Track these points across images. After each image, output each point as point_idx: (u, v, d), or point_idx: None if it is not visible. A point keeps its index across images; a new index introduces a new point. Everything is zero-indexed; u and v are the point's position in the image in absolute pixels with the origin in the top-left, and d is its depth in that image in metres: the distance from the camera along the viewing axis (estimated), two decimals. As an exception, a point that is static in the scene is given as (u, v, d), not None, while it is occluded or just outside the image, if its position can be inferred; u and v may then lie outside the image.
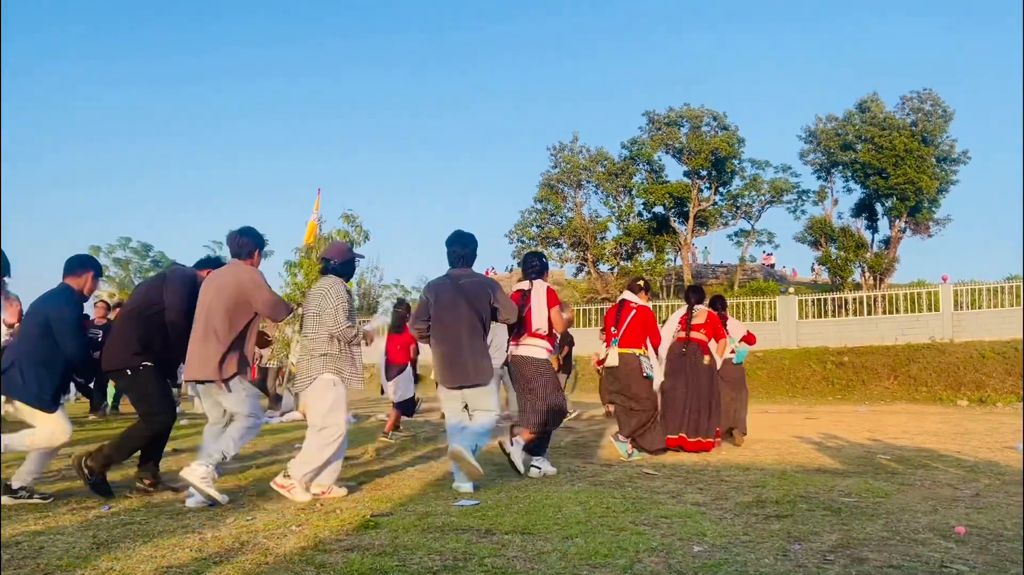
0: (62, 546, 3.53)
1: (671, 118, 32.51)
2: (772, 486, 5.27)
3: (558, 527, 3.93)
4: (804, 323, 23.93)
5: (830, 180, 32.28)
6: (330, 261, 5.13)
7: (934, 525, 4.02)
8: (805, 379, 21.30)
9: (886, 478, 5.69)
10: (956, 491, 5.13)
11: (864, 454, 7.28)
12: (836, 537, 3.73)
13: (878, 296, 25.06)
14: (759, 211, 33.63)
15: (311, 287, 5.35)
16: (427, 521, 4.08)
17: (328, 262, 5.14)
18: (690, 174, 32.60)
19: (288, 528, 3.93)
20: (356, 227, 13.29)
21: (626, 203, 33.95)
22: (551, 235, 34.31)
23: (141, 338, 4.93)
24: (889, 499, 4.79)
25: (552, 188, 34.39)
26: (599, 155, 33.88)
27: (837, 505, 4.56)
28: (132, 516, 4.25)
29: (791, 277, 41.39)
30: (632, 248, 33.66)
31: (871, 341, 22.14)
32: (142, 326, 4.96)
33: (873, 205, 30.58)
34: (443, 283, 5.58)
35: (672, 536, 3.74)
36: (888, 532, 3.85)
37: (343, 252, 5.25)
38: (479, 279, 5.60)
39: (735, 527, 3.97)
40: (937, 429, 10.28)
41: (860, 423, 11.41)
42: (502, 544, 3.56)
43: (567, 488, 5.23)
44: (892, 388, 19.88)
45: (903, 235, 30.21)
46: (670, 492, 5.08)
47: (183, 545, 3.56)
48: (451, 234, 5.67)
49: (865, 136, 29.24)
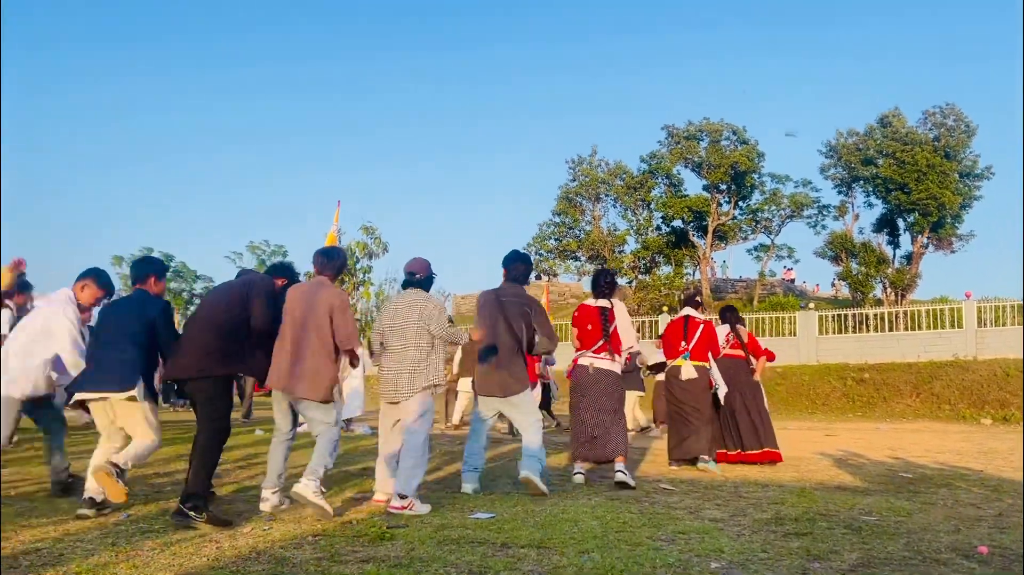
0: (82, 552, 3.56)
1: (690, 132, 32.51)
2: (791, 503, 5.22)
3: (574, 542, 3.91)
4: (824, 339, 23.71)
5: (851, 195, 32.15)
6: (415, 275, 5.39)
7: (956, 545, 3.96)
8: (825, 395, 21.08)
9: (908, 497, 5.61)
10: (979, 511, 5.05)
11: (885, 472, 7.19)
12: (856, 556, 3.68)
13: (900, 312, 24.79)
14: (779, 226, 33.55)
15: (391, 302, 5.56)
16: (443, 533, 4.08)
17: (412, 275, 5.39)
18: (709, 188, 32.54)
19: (304, 538, 3.94)
20: (375, 239, 13.36)
21: (644, 217, 33.95)
22: (569, 248, 34.35)
23: (223, 347, 4.75)
24: (911, 518, 4.72)
25: (570, 201, 34.48)
26: (618, 168, 33.94)
27: (857, 523, 4.50)
28: (151, 524, 4.28)
29: (812, 292, 41.05)
30: (650, 262, 33.61)
31: (892, 358, 21.89)
32: (224, 334, 4.78)
33: (895, 220, 30.37)
34: (488, 296, 5.97)
35: (689, 552, 3.71)
36: (909, 552, 3.80)
37: (425, 268, 5.47)
38: (521, 297, 5.90)
39: (753, 544, 3.93)
40: (960, 448, 10.13)
41: (881, 441, 11.27)
42: (518, 558, 3.55)
43: (584, 502, 5.21)
44: (914, 406, 19.63)
45: (925, 251, 29.97)
46: (688, 508, 5.04)
47: (200, 553, 3.58)
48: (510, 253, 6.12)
49: (887, 151, 29.08)
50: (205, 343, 4.72)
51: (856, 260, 29.87)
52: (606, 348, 6.24)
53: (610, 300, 6.45)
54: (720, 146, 31.88)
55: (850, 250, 30.18)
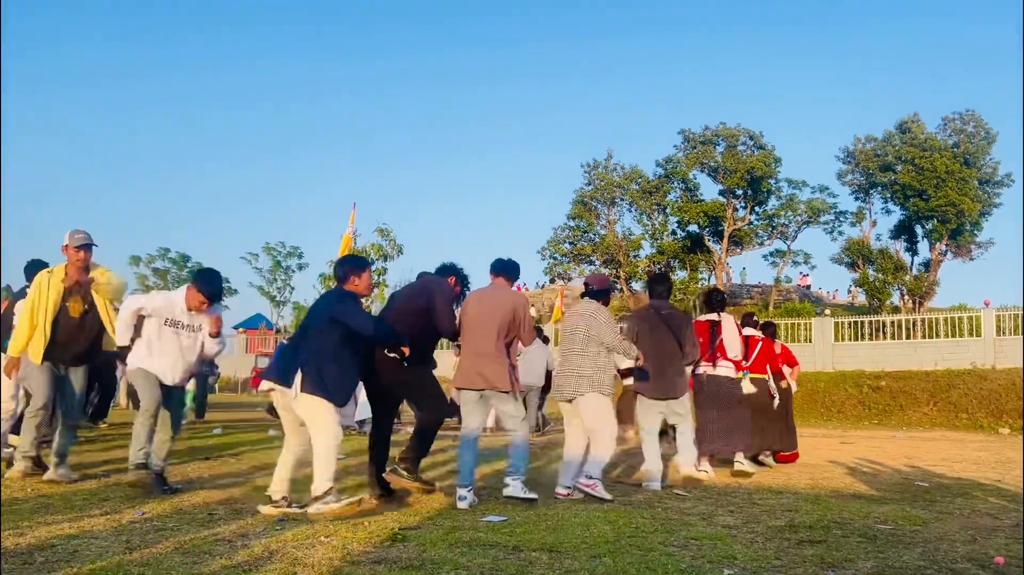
0: (96, 550, 3.59)
1: (707, 136, 32.37)
2: (805, 511, 5.18)
3: (586, 546, 3.90)
4: (840, 346, 23.56)
5: (869, 201, 31.86)
6: (590, 286, 6.04)
7: (973, 555, 3.91)
8: (840, 403, 20.92)
9: (924, 506, 5.55)
10: (996, 521, 4.99)
11: (901, 480, 7.12)
12: (871, 565, 3.65)
13: (917, 320, 24.57)
14: (795, 231, 33.30)
15: (572, 310, 6.14)
16: (455, 536, 4.08)
17: (589, 287, 6.05)
18: (725, 193, 32.38)
19: (317, 539, 3.95)
20: (390, 241, 13.39)
21: (660, 221, 33.84)
22: (584, 252, 34.28)
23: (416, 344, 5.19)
24: (927, 527, 4.67)
25: (585, 205, 34.41)
26: (633, 173, 33.83)
27: (873, 532, 4.46)
28: (164, 523, 4.31)
29: (829, 299, 40.74)
30: (666, 266, 33.46)
31: (910, 366, 21.70)
32: (414, 335, 5.19)
33: (913, 227, 30.10)
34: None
35: (702, 558, 3.69)
36: (925, 561, 3.76)
37: (603, 281, 6.17)
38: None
39: (767, 551, 3.90)
40: (977, 457, 10.02)
41: (897, 449, 11.17)
42: (529, 562, 3.54)
43: (596, 507, 5.19)
44: (931, 414, 19.43)
45: (944, 258, 29.67)
46: (700, 514, 5.01)
47: (213, 553, 3.60)
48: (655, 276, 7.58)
49: (905, 157, 28.82)
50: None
51: (873, 267, 29.60)
52: (713, 358, 7.10)
53: (719, 314, 7.23)
54: (736, 151, 31.71)
55: (867, 256, 29.91)
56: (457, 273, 5.81)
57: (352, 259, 5.86)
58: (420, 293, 5.52)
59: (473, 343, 5.45)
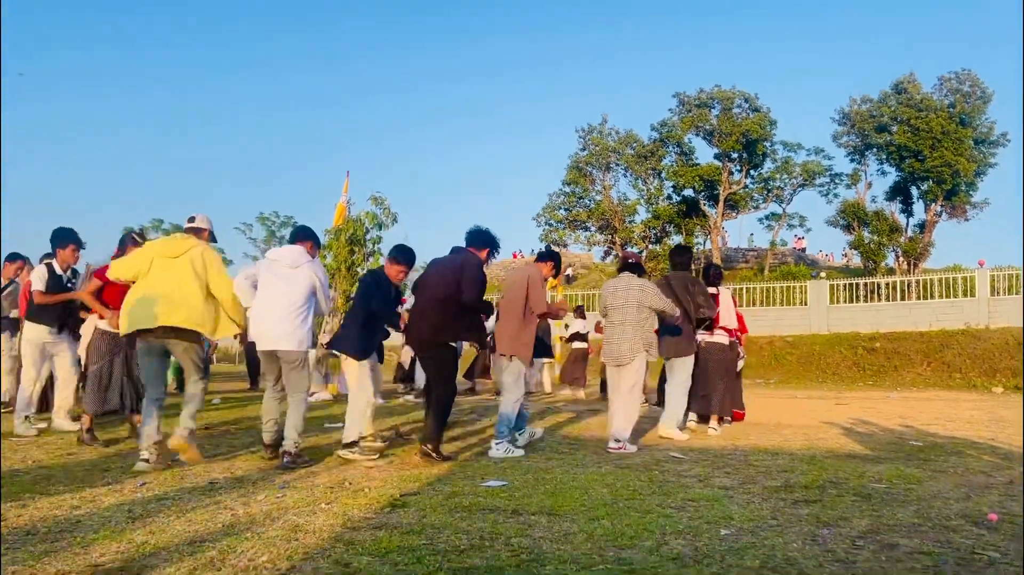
0: (98, 520, 3.62)
1: (702, 100, 32.14)
2: (801, 471, 5.23)
3: (584, 508, 3.94)
4: (835, 308, 23.65)
5: (864, 163, 31.78)
6: (628, 260, 6.90)
7: (966, 512, 3.97)
8: (836, 365, 21.07)
9: (918, 464, 5.61)
10: (989, 478, 5.05)
11: (895, 440, 7.19)
12: (866, 523, 3.70)
13: (912, 281, 24.65)
14: (791, 194, 33.25)
15: (610, 281, 6.88)
16: (454, 501, 4.11)
17: (628, 261, 6.88)
18: (721, 157, 32.24)
19: (317, 506, 3.99)
20: (384, 210, 13.28)
21: (655, 186, 33.71)
22: (579, 218, 34.20)
23: (444, 320, 5.75)
24: (921, 485, 4.73)
25: (581, 171, 34.23)
26: (629, 138, 33.62)
27: (867, 491, 4.51)
28: (166, 492, 4.34)
29: (826, 261, 40.77)
30: (661, 231, 33.45)
31: (904, 327, 21.82)
32: (444, 309, 5.75)
33: (908, 188, 30.05)
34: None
35: (699, 519, 3.73)
36: (919, 518, 3.81)
37: (638, 257, 7.17)
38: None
39: (763, 511, 3.95)
40: (971, 416, 10.12)
41: (892, 409, 11.27)
42: (529, 524, 3.58)
43: (594, 470, 5.24)
44: (925, 374, 19.59)
45: (939, 219, 29.68)
46: (697, 476, 5.06)
47: (215, 520, 3.63)
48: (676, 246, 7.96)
49: (901, 118, 28.67)
50: (431, 316, 5.77)
51: (868, 229, 29.60)
52: (711, 327, 7.80)
53: (717, 288, 7.93)
54: (732, 114, 31.50)
55: (862, 219, 29.90)
56: (489, 242, 6.14)
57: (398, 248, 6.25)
58: (447, 270, 5.96)
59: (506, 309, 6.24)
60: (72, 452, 5.82)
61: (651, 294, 6.51)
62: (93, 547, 3.13)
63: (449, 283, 5.79)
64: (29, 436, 6.64)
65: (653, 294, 6.52)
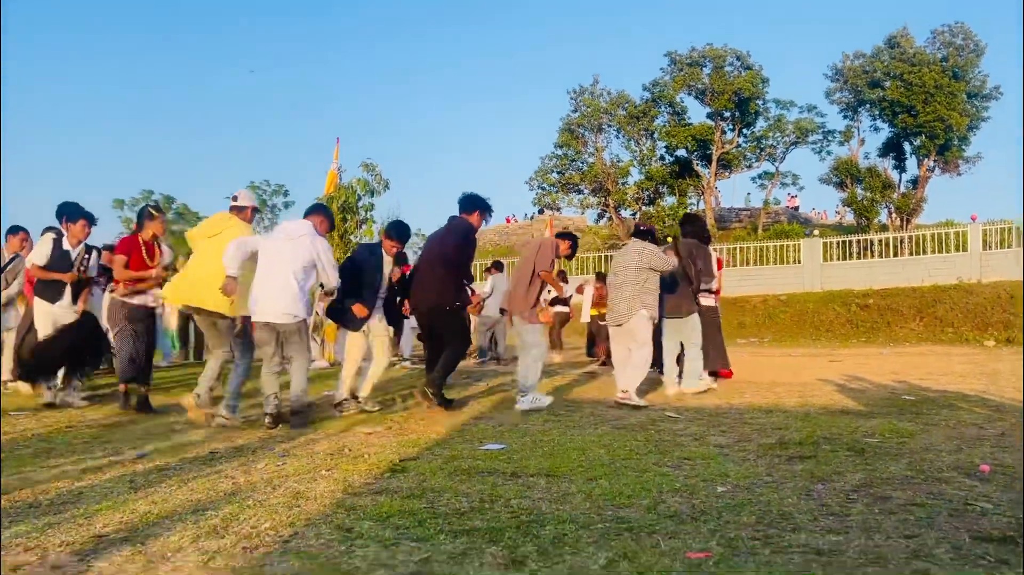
0: (100, 491, 3.64)
1: (693, 58, 31.78)
2: (795, 428, 5.29)
3: (582, 469, 3.99)
4: (829, 266, 23.72)
5: (857, 119, 31.59)
6: (640, 227, 7.42)
7: (958, 464, 4.02)
8: (829, 322, 21.19)
9: (910, 419, 5.68)
10: (981, 431, 5.12)
11: (888, 395, 7.27)
12: (859, 477, 3.75)
13: (904, 237, 24.71)
14: (783, 152, 33.10)
15: (624, 246, 7.29)
16: (453, 464, 4.15)
17: (639, 227, 7.39)
18: (713, 116, 32.00)
19: (318, 472, 4.02)
20: (376, 176, 13.21)
21: (648, 147, 33.50)
22: (572, 181, 34.02)
23: (442, 283, 6.26)
24: (913, 439, 4.79)
25: (572, 133, 33.95)
26: (620, 98, 33.30)
27: (860, 446, 4.57)
28: (167, 462, 4.37)
29: (819, 219, 40.77)
30: (654, 192, 33.31)
31: (897, 283, 21.92)
32: (440, 273, 6.25)
33: (901, 144, 29.94)
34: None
35: (695, 477, 3.78)
36: (912, 471, 3.87)
37: (649, 224, 7.65)
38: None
39: (758, 468, 4.00)
40: (963, 370, 10.22)
41: (885, 365, 11.37)
42: (528, 486, 3.62)
43: (591, 431, 5.29)
44: (918, 330, 19.73)
45: (931, 174, 29.61)
46: (692, 435, 5.12)
47: (217, 489, 3.66)
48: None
49: (894, 73, 28.44)
50: (428, 283, 6.29)
51: (861, 185, 29.54)
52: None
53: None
54: (724, 72, 31.19)
55: (855, 175, 29.82)
56: (480, 205, 6.54)
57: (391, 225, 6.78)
58: (440, 236, 6.46)
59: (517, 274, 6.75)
60: (72, 425, 5.84)
61: (649, 255, 6.79)
62: (96, 518, 3.16)
63: (441, 251, 6.25)
64: (81, 405, 6.75)
65: (651, 254, 6.79)
